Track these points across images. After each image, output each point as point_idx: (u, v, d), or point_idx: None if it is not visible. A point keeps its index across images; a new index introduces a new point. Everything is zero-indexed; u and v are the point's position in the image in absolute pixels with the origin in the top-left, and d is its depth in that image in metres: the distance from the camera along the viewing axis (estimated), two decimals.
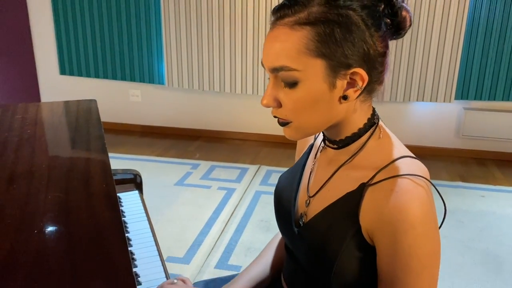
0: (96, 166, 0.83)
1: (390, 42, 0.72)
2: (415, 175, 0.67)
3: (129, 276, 0.50)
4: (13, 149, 0.91)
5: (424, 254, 0.65)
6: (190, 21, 3.48)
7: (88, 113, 1.19)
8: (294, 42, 0.66)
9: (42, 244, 0.58)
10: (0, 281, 0.50)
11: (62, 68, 3.96)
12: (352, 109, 0.72)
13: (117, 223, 0.60)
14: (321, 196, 0.76)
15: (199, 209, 2.63)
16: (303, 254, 0.78)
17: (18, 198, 0.69)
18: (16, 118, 1.14)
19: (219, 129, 3.88)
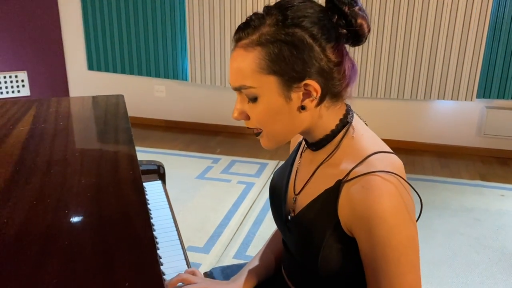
0: (124, 156, 0.92)
1: (412, 40, 0.77)
2: (384, 171, 0.71)
3: (151, 247, 0.58)
4: (49, 139, 1.00)
5: (399, 243, 0.70)
6: (213, 19, 3.57)
7: (116, 107, 1.28)
8: (248, 62, 0.72)
9: (77, 221, 0.66)
10: (42, 251, 0.59)
11: (90, 63, 4.11)
12: (317, 116, 0.77)
13: (142, 204, 0.68)
14: (305, 193, 0.82)
15: (219, 202, 2.71)
16: (293, 246, 0.85)
17: (56, 181, 0.78)
18: (51, 111, 1.24)
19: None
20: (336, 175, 0.76)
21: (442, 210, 2.65)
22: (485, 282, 2.00)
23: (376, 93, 3.48)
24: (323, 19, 0.72)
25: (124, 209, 0.70)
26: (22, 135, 1.03)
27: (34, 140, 1.00)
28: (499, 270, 2.09)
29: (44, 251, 0.59)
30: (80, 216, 0.67)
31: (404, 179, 0.74)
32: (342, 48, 0.75)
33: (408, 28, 3.26)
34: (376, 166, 0.72)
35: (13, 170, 0.83)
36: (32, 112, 1.22)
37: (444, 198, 2.81)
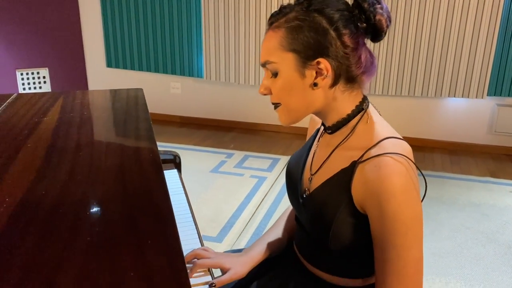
0: (144, 140, 1.01)
1: (423, 38, 0.84)
2: (396, 153, 0.79)
3: (170, 215, 0.67)
4: (76, 127, 1.10)
5: (407, 217, 0.77)
6: (228, 18, 3.66)
7: (136, 99, 1.38)
8: (273, 41, 0.83)
9: (105, 194, 0.75)
10: (76, 218, 0.68)
11: (108, 61, 4.24)
12: (332, 97, 0.85)
13: (161, 181, 0.77)
14: (321, 173, 0.90)
15: (232, 195, 2.80)
16: (307, 221, 0.93)
17: (84, 161, 0.87)
18: (76, 102, 1.34)
19: (253, 121, 4.04)
20: (351, 157, 0.84)
21: (450, 205, 2.70)
22: (489, 274, 2.05)
23: (388, 91, 3.52)
24: (344, 10, 0.82)
25: (146, 185, 0.79)
26: (52, 123, 1.13)
27: (63, 127, 1.10)
28: (504, 263, 2.13)
29: (77, 218, 0.68)
30: (107, 190, 0.77)
31: (412, 161, 0.81)
32: (359, 38, 0.84)
33: (420, 26, 3.30)
34: (388, 148, 0.80)
35: (46, 152, 0.93)
36: (60, 103, 1.33)
37: (453, 193, 2.85)
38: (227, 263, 0.95)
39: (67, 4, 4.16)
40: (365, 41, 0.86)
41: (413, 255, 0.78)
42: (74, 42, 4.29)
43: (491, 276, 2.03)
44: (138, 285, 0.51)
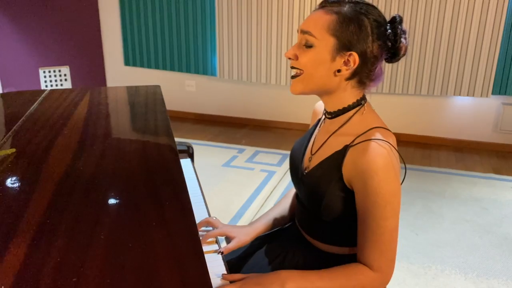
0: (162, 128, 1.17)
1: (429, 37, 0.98)
2: (381, 139, 0.93)
3: (183, 184, 0.82)
4: (104, 117, 1.27)
5: (386, 192, 0.91)
6: (241, 18, 3.81)
7: (154, 95, 1.54)
8: (323, 20, 0.96)
9: (131, 169, 0.91)
10: (109, 185, 0.84)
11: (126, 59, 4.43)
12: (343, 88, 0.99)
13: (176, 160, 0.92)
14: (319, 154, 1.05)
15: (242, 187, 2.95)
16: (305, 196, 1.07)
17: (112, 144, 1.03)
18: (102, 97, 1.51)
19: (264, 118, 4.19)
20: (344, 141, 0.99)
21: (452, 199, 2.81)
22: (483, 263, 2.17)
23: (395, 89, 3.64)
24: (383, 26, 0.97)
25: (163, 163, 0.95)
26: (83, 114, 1.29)
27: (92, 118, 1.27)
28: (499, 253, 2.24)
29: (110, 186, 0.84)
30: (133, 166, 0.92)
31: (395, 148, 0.95)
32: (382, 53, 0.99)
33: (426, 26, 3.41)
34: (375, 135, 0.95)
35: (80, 138, 1.10)
36: (87, 97, 1.50)
37: (456, 189, 2.96)
38: (233, 232, 1.11)
39: (87, 5, 4.36)
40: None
41: (390, 225, 0.92)
42: (93, 42, 4.49)
43: (485, 265, 2.15)
44: (159, 232, 0.66)
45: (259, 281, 0.95)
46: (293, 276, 0.96)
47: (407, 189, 2.94)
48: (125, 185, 0.83)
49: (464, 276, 2.08)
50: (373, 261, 0.94)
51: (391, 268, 0.96)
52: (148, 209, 0.74)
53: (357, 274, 0.95)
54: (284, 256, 1.12)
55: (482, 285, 2.02)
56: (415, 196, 2.86)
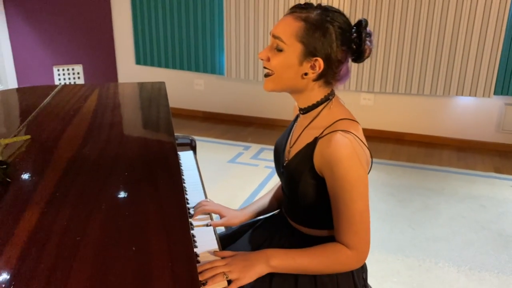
0: (163, 120, 1.27)
1: (432, 37, 1.08)
2: (344, 130, 1.02)
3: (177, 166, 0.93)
4: (110, 110, 1.38)
5: (352, 178, 1.00)
6: (248, 19, 3.92)
7: (159, 90, 1.65)
8: (292, 27, 1.04)
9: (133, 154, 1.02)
10: (112, 165, 0.94)
11: (137, 58, 4.56)
12: (311, 87, 1.09)
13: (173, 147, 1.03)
14: (295, 147, 1.14)
15: (247, 182, 3.05)
16: (285, 185, 1.17)
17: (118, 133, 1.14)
18: (110, 92, 1.62)
19: (270, 116, 4.29)
20: (314, 134, 1.08)
21: (450, 196, 2.88)
22: (477, 257, 2.23)
23: (398, 89, 3.70)
24: (347, 30, 1.06)
25: (162, 149, 1.05)
26: (91, 107, 1.41)
27: (100, 110, 1.38)
28: (493, 248, 2.31)
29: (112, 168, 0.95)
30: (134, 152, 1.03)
31: (359, 138, 1.04)
32: (347, 56, 1.08)
33: (429, 26, 3.47)
34: (340, 127, 1.04)
35: (88, 128, 1.21)
36: (97, 92, 1.61)
37: (454, 186, 3.02)
38: (224, 211, 1.21)
39: (100, 6, 4.51)
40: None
41: (358, 207, 1.01)
42: (106, 41, 4.63)
43: (478, 259, 2.22)
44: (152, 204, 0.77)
45: (246, 257, 1.05)
46: (277, 253, 1.05)
47: (406, 186, 3.01)
48: (126, 167, 0.94)
49: (457, 269, 2.15)
50: (348, 240, 1.03)
51: (366, 247, 1.05)
52: (144, 185, 0.85)
53: (335, 252, 1.05)
54: (270, 239, 1.22)
55: (473, 277, 2.09)
56: (414, 192, 2.93)
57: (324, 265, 1.06)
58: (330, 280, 1.13)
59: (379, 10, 3.57)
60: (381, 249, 2.29)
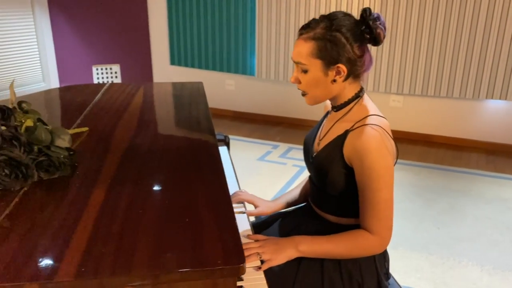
0: (203, 115, 1.40)
1: (462, 40, 1.17)
2: (374, 124, 1.12)
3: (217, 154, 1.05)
4: (156, 106, 1.52)
5: (379, 168, 1.10)
6: (279, 23, 4.03)
7: (198, 90, 1.78)
8: (305, 49, 1.16)
9: (179, 143, 1.15)
10: (161, 155, 1.07)
11: (172, 59, 4.75)
12: (343, 87, 1.19)
13: (213, 139, 1.15)
14: (325, 139, 1.25)
15: (274, 180, 3.16)
16: (314, 175, 1.27)
17: (164, 127, 1.28)
18: (154, 90, 1.77)
19: (299, 116, 4.38)
20: (345, 127, 1.19)
21: (477, 198, 2.90)
22: (501, 257, 2.27)
23: (427, 91, 3.73)
24: (355, 27, 1.16)
25: (205, 143, 1.18)
26: (139, 103, 1.55)
27: (146, 106, 1.52)
28: None
29: (163, 155, 1.08)
30: (180, 141, 1.16)
31: (387, 132, 1.14)
32: (365, 47, 1.18)
33: (459, 29, 3.50)
34: (370, 121, 1.14)
35: (138, 121, 1.35)
36: (141, 90, 1.76)
37: (481, 188, 3.04)
38: (257, 201, 1.33)
39: (137, 8, 4.71)
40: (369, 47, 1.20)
41: (383, 195, 1.11)
42: (142, 42, 4.84)
43: (502, 259, 2.26)
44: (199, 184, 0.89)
45: (277, 241, 1.16)
46: (305, 239, 1.16)
47: (433, 187, 3.06)
48: (173, 155, 1.07)
49: (481, 268, 2.19)
50: (372, 226, 1.13)
51: (388, 233, 1.14)
52: (190, 169, 0.98)
53: (359, 238, 1.15)
54: (298, 228, 1.32)
55: (497, 276, 2.13)
56: (441, 194, 2.97)
57: (349, 250, 1.16)
58: (353, 265, 1.23)
59: (409, 13, 3.61)
60: (405, 246, 2.36)
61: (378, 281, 1.27)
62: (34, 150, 0.92)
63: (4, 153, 0.87)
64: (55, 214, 0.79)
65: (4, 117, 0.91)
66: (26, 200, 0.84)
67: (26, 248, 0.68)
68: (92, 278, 0.61)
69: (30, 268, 0.63)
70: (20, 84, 4.24)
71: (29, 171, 0.88)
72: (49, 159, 0.92)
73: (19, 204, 0.83)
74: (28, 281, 0.60)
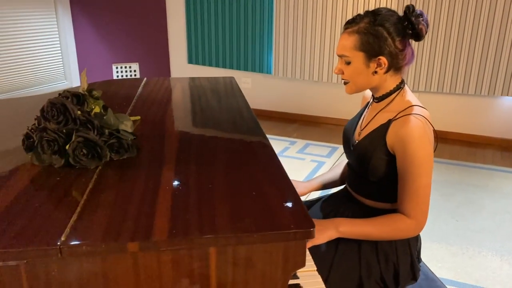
0: (243, 106, 1.49)
1: (478, 38, 1.25)
2: (417, 114, 1.20)
3: (266, 139, 1.14)
4: (197, 98, 1.61)
5: (421, 155, 1.18)
6: (297, 22, 4.11)
7: (231, 84, 1.87)
8: (349, 42, 1.25)
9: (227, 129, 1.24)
10: (214, 145, 1.16)
11: (189, 57, 4.85)
12: (384, 80, 1.27)
13: (257, 125, 1.24)
14: (367, 128, 1.33)
15: (293, 175, 3.25)
16: (355, 161, 1.35)
17: (211, 117, 1.37)
18: (190, 84, 1.86)
19: (315, 114, 4.46)
20: (388, 117, 1.27)
21: (494, 192, 2.97)
22: None
23: (442, 88, 3.80)
24: (398, 23, 1.24)
25: (251, 129, 1.27)
26: (179, 96, 1.65)
27: (186, 99, 1.62)
28: None
29: (214, 145, 1.16)
30: (230, 131, 1.25)
31: (429, 122, 1.22)
32: (406, 41, 1.26)
33: (475, 26, 3.56)
34: (413, 111, 1.22)
35: (184, 113, 1.44)
36: (178, 84, 1.85)
37: (498, 183, 3.11)
38: (294, 183, 1.41)
39: (156, 8, 4.82)
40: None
41: (424, 181, 1.19)
42: (161, 41, 4.95)
43: None
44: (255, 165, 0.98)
45: (319, 222, 1.24)
46: (345, 221, 1.25)
47: (450, 182, 3.12)
48: (226, 142, 1.16)
49: (500, 258, 2.26)
50: (410, 210, 1.21)
51: (424, 217, 1.22)
52: (244, 151, 1.07)
53: (396, 221, 1.23)
54: (336, 211, 1.41)
55: None
56: (458, 188, 3.04)
57: (386, 232, 1.25)
58: (390, 247, 1.31)
59: (425, 10, 3.68)
60: (425, 237, 2.43)
61: (411, 262, 1.35)
62: (105, 133, 1.01)
63: (81, 135, 0.96)
64: (133, 188, 0.88)
65: (80, 103, 1.00)
66: (104, 177, 0.93)
67: (118, 215, 0.77)
68: (184, 238, 0.70)
69: (128, 231, 0.72)
70: (43, 82, 4.36)
71: (102, 152, 0.98)
72: (119, 142, 1.01)
73: (98, 180, 0.92)
74: (130, 241, 0.69)
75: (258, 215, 0.76)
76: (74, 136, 0.95)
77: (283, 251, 0.72)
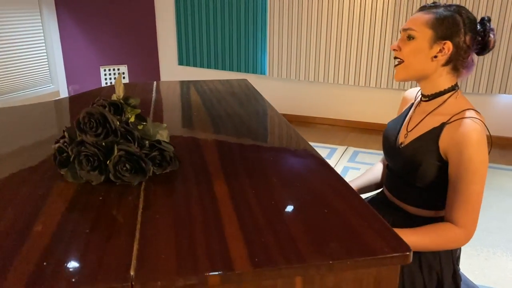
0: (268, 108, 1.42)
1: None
2: (475, 117, 1.15)
3: (309, 145, 1.06)
4: (217, 102, 1.52)
5: (478, 161, 1.12)
6: (291, 22, 4.05)
7: (246, 86, 1.79)
8: (423, 18, 1.19)
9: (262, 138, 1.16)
10: (254, 146, 1.07)
11: (180, 59, 4.73)
12: (439, 73, 1.21)
13: (290, 127, 1.17)
14: (416, 130, 1.26)
15: None
16: (400, 166, 1.28)
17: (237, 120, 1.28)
18: (204, 87, 1.77)
19: (311, 115, 4.41)
20: (441, 120, 1.20)
21: (498, 190, 2.96)
22: None
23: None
24: (473, 22, 1.19)
25: (288, 135, 1.19)
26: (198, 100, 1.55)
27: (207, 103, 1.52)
28: None
29: (258, 146, 1.08)
30: (266, 137, 1.17)
31: (485, 125, 1.16)
32: (473, 44, 1.20)
33: None
34: (469, 115, 1.16)
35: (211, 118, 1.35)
36: (193, 88, 1.75)
37: (500, 181, 3.11)
38: None
39: (144, 8, 4.68)
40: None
41: (477, 189, 1.13)
42: (149, 42, 4.81)
43: None
44: (311, 177, 0.90)
45: None
46: None
47: None
48: (267, 149, 1.07)
49: None
50: (460, 218, 1.15)
51: (474, 227, 1.16)
52: (293, 161, 0.99)
53: (445, 230, 1.16)
54: None
55: None
56: None
57: (434, 242, 1.18)
58: (433, 256, 1.25)
59: None
60: None
61: (454, 271, 1.29)
62: (146, 145, 0.91)
63: (122, 148, 0.86)
64: (190, 207, 0.79)
65: (118, 112, 0.90)
66: (151, 195, 0.84)
67: (184, 241, 0.68)
68: (270, 268, 0.61)
69: (203, 260, 0.63)
70: (28, 87, 4.17)
71: (147, 166, 0.88)
72: (161, 154, 0.92)
73: (146, 199, 0.82)
74: (210, 272, 0.60)
75: (343, 237, 0.68)
76: (116, 150, 0.85)
77: (374, 277, 0.65)
